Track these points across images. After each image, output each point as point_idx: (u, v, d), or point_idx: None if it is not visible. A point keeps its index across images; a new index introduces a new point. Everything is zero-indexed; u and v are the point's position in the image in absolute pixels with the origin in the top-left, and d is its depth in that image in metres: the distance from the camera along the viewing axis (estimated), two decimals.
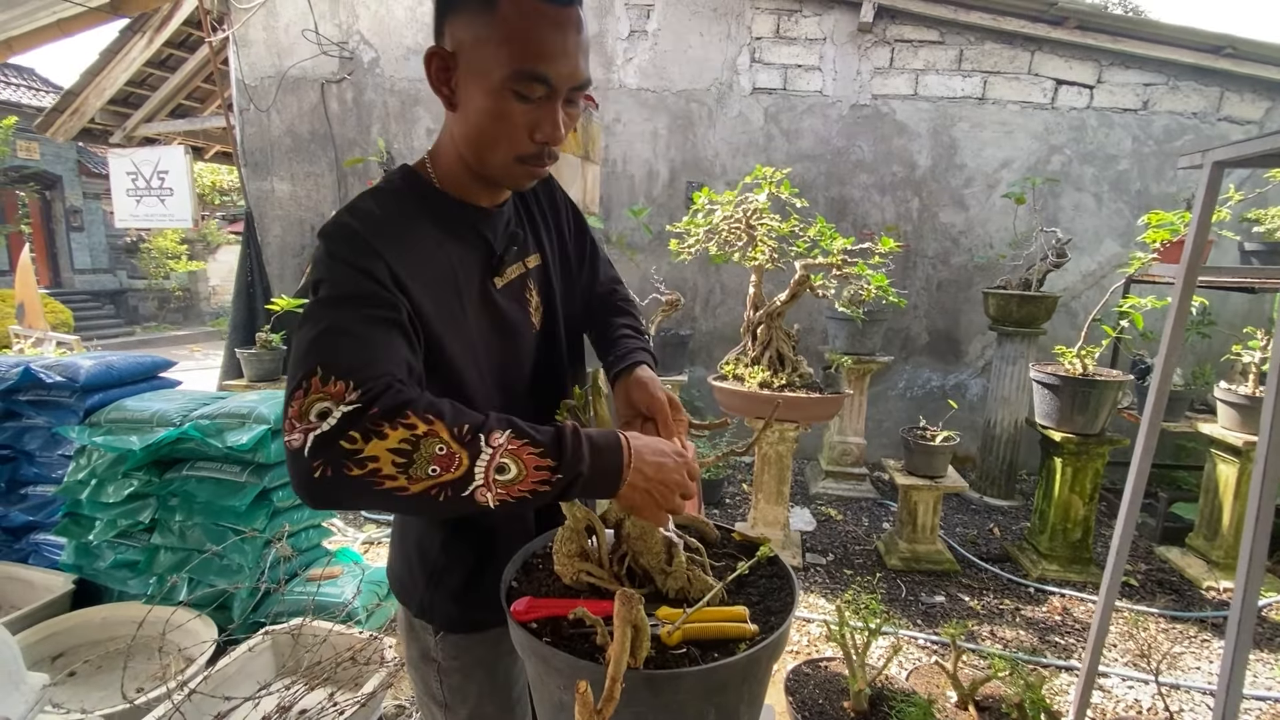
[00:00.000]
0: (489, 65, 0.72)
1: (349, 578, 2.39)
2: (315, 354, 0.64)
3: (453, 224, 0.84)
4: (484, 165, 0.80)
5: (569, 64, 0.73)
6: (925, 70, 4.30)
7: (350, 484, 0.60)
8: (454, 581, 0.92)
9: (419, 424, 0.61)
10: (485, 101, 0.74)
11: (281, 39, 4.68)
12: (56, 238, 12.43)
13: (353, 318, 0.68)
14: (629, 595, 0.65)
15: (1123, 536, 1.76)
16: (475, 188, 0.85)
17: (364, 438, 0.59)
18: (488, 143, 0.77)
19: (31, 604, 2.17)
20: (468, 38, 0.73)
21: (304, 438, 0.60)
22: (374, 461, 0.59)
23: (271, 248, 4.93)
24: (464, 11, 0.73)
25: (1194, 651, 2.48)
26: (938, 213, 4.46)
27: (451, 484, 0.61)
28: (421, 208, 0.82)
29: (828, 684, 1.87)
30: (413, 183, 0.84)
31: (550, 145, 0.77)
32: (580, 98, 0.79)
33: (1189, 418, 3.34)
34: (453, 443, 0.61)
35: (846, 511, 3.79)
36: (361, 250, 0.72)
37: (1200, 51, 4.01)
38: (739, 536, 0.95)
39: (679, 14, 4.40)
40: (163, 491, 2.23)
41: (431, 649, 0.95)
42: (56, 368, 2.36)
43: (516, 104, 0.73)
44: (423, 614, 0.95)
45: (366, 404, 0.61)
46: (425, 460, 0.60)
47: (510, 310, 0.89)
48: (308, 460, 0.59)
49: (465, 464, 0.61)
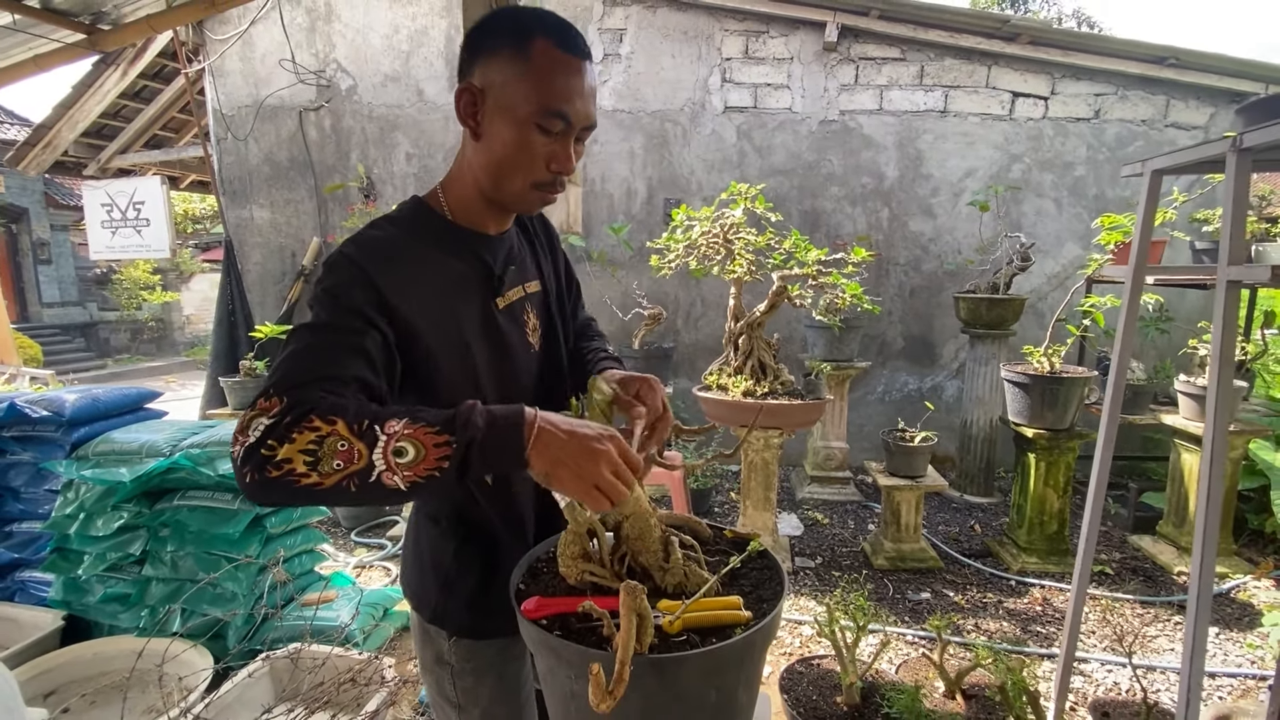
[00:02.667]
0: (518, 102, 0.83)
1: (344, 601, 2.40)
2: (271, 378, 0.73)
3: (456, 249, 0.92)
4: (500, 191, 0.90)
5: (584, 105, 0.85)
6: (889, 86, 4.48)
7: (274, 484, 0.66)
8: (465, 589, 0.97)
9: (322, 425, 0.67)
10: (511, 133, 0.84)
11: (258, 69, 4.71)
12: (24, 271, 12.18)
13: (316, 343, 0.76)
14: (633, 586, 0.71)
15: (1090, 524, 1.86)
16: (485, 214, 0.94)
17: (279, 443, 0.67)
18: (509, 170, 0.87)
19: (20, 643, 2.15)
20: (499, 78, 0.84)
21: (239, 449, 0.68)
22: (289, 463, 0.66)
23: (252, 275, 4.92)
24: (498, 55, 0.84)
25: (1168, 634, 2.58)
26: (907, 221, 4.61)
27: (357, 474, 0.67)
28: (425, 234, 0.91)
29: (820, 680, 1.92)
30: (421, 211, 0.93)
31: (563, 174, 0.88)
32: (588, 136, 0.90)
33: (1153, 410, 3.48)
34: (351, 437, 0.67)
35: (833, 515, 3.87)
36: (349, 278, 0.80)
37: (1146, 62, 4.23)
38: (730, 534, 1.01)
39: (651, 37, 4.53)
40: (153, 522, 2.23)
41: (445, 653, 1.00)
42: (41, 402, 2.36)
43: (539, 137, 0.84)
44: (436, 620, 1.00)
45: (284, 414, 0.68)
46: (330, 456, 0.66)
47: (510, 331, 0.96)
48: (239, 467, 0.68)
49: (364, 454, 0.67)
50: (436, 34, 4.62)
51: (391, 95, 4.68)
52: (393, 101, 4.68)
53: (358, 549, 3.44)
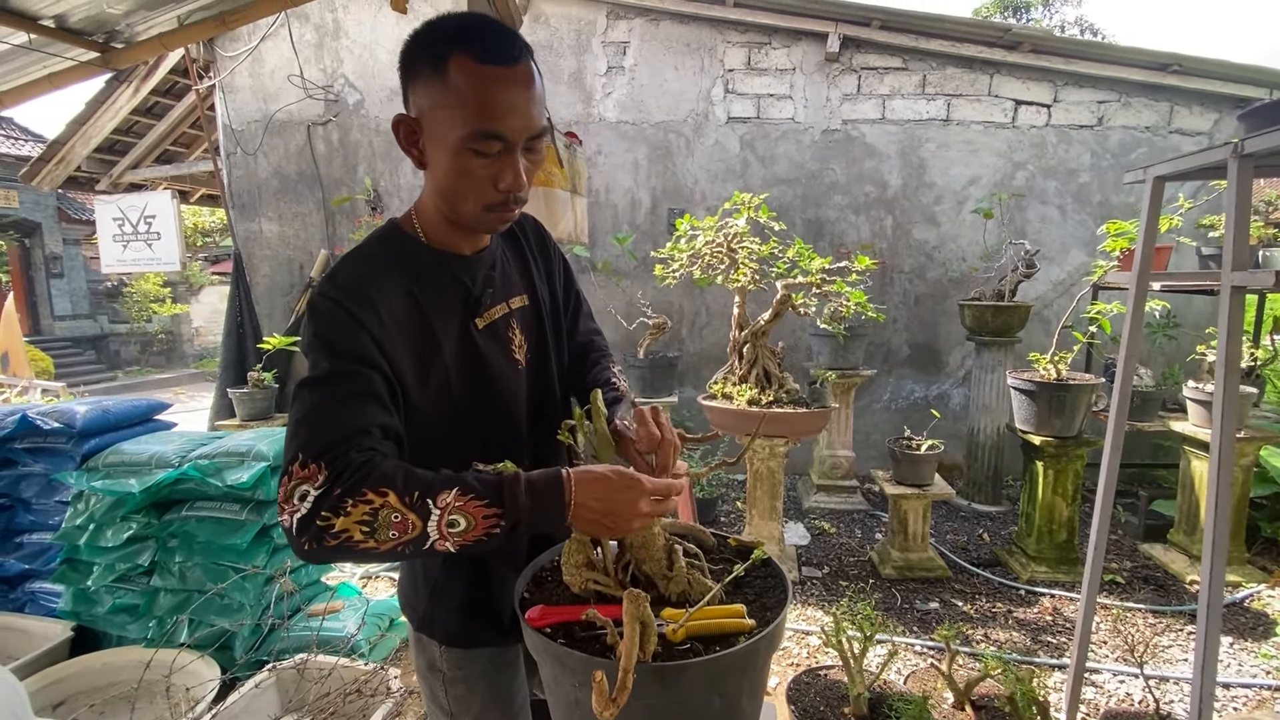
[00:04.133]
0: (446, 128, 0.78)
1: (351, 611, 2.40)
2: (297, 440, 0.75)
3: (430, 273, 0.91)
4: (457, 215, 0.87)
5: (520, 118, 0.79)
6: (891, 95, 4.50)
7: (332, 550, 0.71)
8: (454, 597, 0.98)
9: (375, 498, 0.71)
10: (448, 161, 0.81)
11: (267, 84, 4.79)
12: (36, 285, 12.33)
13: (328, 398, 0.78)
14: (636, 594, 0.71)
15: (1099, 531, 1.84)
16: (455, 236, 0.92)
17: (333, 514, 0.70)
18: (457, 196, 0.84)
19: (29, 653, 2.16)
20: (426, 104, 0.80)
21: (290, 519, 0.71)
22: (346, 533, 0.70)
23: (260, 287, 4.97)
24: (419, 80, 0.80)
25: (1180, 644, 2.55)
26: (911, 230, 4.62)
27: (411, 541, 0.72)
28: (400, 262, 0.89)
29: (828, 691, 1.91)
30: (396, 237, 0.92)
31: (514, 193, 0.83)
32: (541, 144, 0.85)
33: (1161, 417, 3.46)
34: (405, 509, 0.71)
35: (839, 524, 3.85)
36: (339, 322, 0.81)
37: (1149, 69, 4.24)
38: (734, 542, 1.02)
39: (654, 50, 4.57)
40: (162, 533, 2.24)
41: (437, 660, 1.00)
42: (52, 414, 2.38)
43: (476, 160, 0.80)
44: (425, 627, 1.01)
45: (331, 484, 0.71)
46: (385, 526, 0.71)
47: (491, 350, 0.94)
48: (296, 537, 0.71)
49: (419, 526, 0.71)
50: None
51: (397, 109, 4.72)
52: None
53: None
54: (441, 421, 0.91)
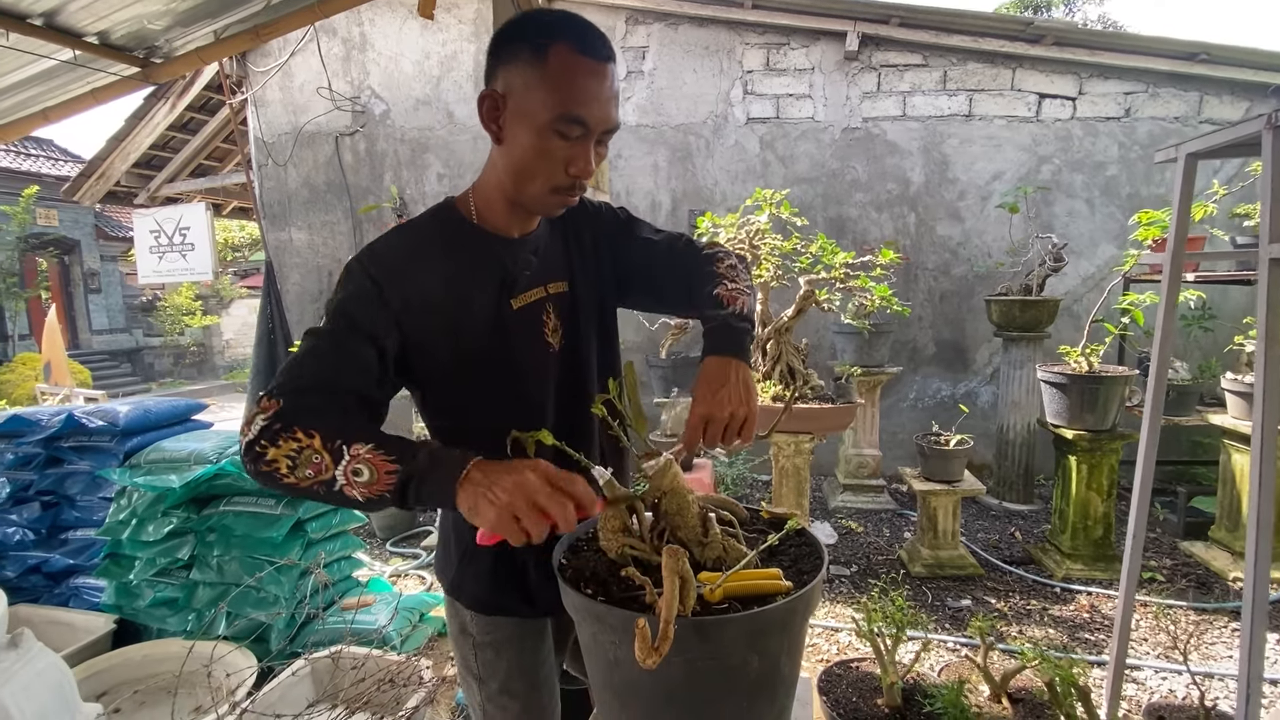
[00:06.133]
0: (536, 108, 0.83)
1: (382, 605, 2.43)
2: (275, 379, 0.82)
3: (472, 251, 0.95)
4: (521, 194, 0.91)
5: (603, 110, 0.85)
6: (912, 92, 4.47)
7: (266, 477, 0.77)
8: (481, 563, 1.02)
9: (303, 438, 0.76)
10: (530, 139, 0.85)
11: (297, 97, 4.92)
12: (75, 300, 12.76)
13: (314, 351, 0.85)
14: (675, 550, 0.72)
15: (1137, 524, 1.80)
16: (507, 217, 0.96)
17: (269, 444, 0.76)
18: (529, 174, 0.88)
19: (74, 645, 2.22)
20: (519, 84, 0.85)
21: (241, 441, 0.79)
22: (275, 463, 0.76)
23: (290, 295, 5.09)
24: (516, 61, 0.85)
25: (1225, 641, 2.47)
26: (934, 226, 4.57)
27: (324, 483, 0.75)
28: (442, 237, 0.95)
29: (860, 683, 1.89)
30: (443, 216, 0.97)
31: (582, 179, 0.88)
32: (609, 139, 0.91)
33: (1199, 411, 3.37)
34: (323, 451, 0.75)
35: (867, 523, 3.80)
36: (359, 290, 0.87)
37: (1176, 59, 4.16)
38: (767, 513, 1.02)
39: (673, 53, 4.61)
40: (201, 527, 2.30)
41: (468, 624, 1.05)
42: (97, 414, 2.47)
43: (557, 142, 0.85)
44: (454, 591, 1.06)
45: (275, 418, 0.77)
46: (305, 464, 0.75)
47: (521, 330, 0.97)
48: (242, 455, 0.79)
49: (330, 468, 0.74)
50: (465, 58, 4.78)
51: (423, 118, 4.84)
52: (424, 124, 4.84)
53: (393, 559, 3.49)
54: (467, 396, 0.95)
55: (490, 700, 1.07)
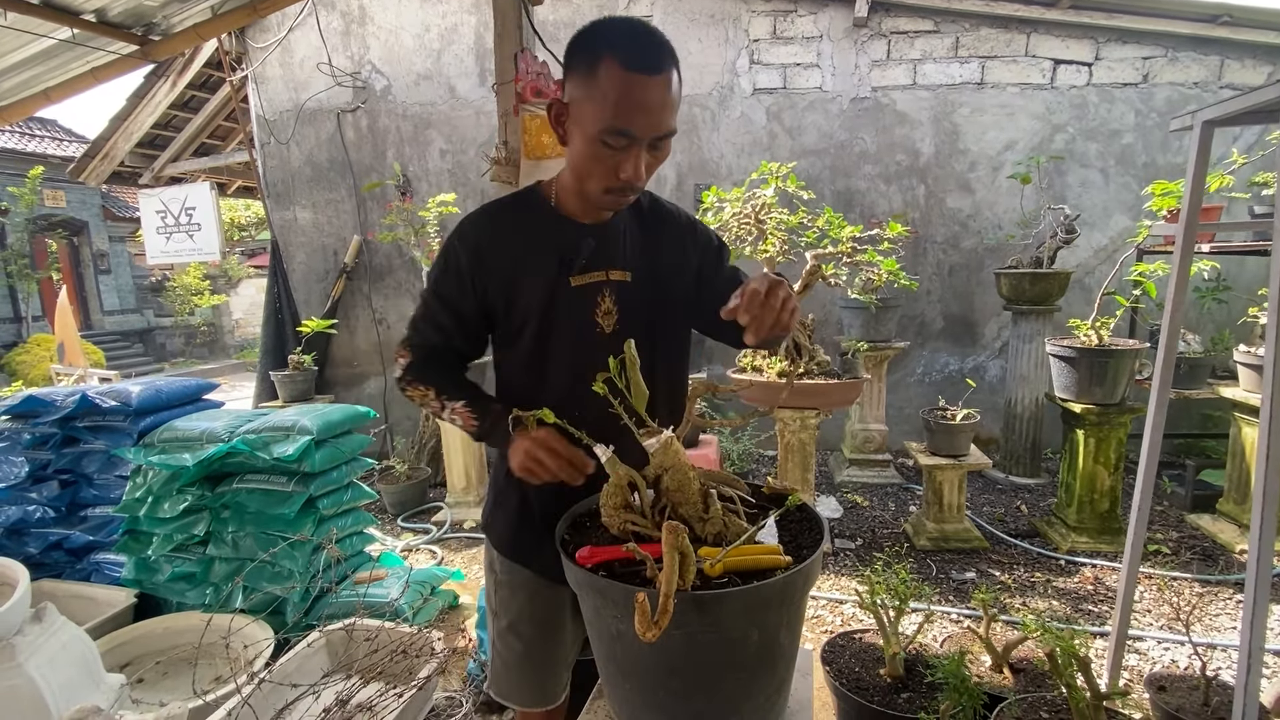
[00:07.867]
0: (588, 119, 0.92)
1: (394, 579, 2.48)
2: (406, 329, 1.14)
3: (543, 230, 1.08)
4: (582, 191, 1.02)
5: (650, 120, 0.91)
6: (923, 59, 4.37)
7: (409, 400, 1.13)
8: (509, 505, 1.16)
9: (424, 389, 1.11)
10: (583, 146, 0.95)
11: (297, 74, 4.87)
12: (85, 281, 12.85)
13: (421, 313, 1.12)
14: (674, 525, 0.73)
15: (1143, 494, 1.80)
16: (580, 206, 1.07)
17: (407, 386, 1.12)
18: (585, 175, 0.99)
19: (96, 618, 2.29)
20: (578, 94, 0.93)
21: (398, 370, 1.13)
22: (412, 398, 1.13)
23: (297, 274, 5.10)
24: (576, 73, 0.93)
25: (1229, 613, 2.48)
26: (944, 198, 4.50)
27: (440, 416, 1.11)
28: (526, 215, 1.09)
29: (863, 654, 1.92)
30: (526, 198, 1.12)
31: (633, 183, 0.96)
32: (667, 143, 0.97)
33: (1210, 384, 3.34)
34: (437, 401, 1.10)
35: (872, 498, 3.82)
36: (446, 267, 1.08)
37: (1197, 22, 4.03)
38: (768, 489, 1.03)
39: (677, 22, 4.51)
40: (215, 504, 2.35)
41: (495, 561, 1.21)
42: (110, 394, 2.50)
43: (605, 150, 0.93)
44: (485, 527, 1.23)
45: (406, 370, 1.12)
46: (428, 404, 1.11)
47: (573, 308, 1.06)
48: (398, 379, 1.14)
49: (440, 412, 1.10)
50: (466, 31, 4.70)
51: (424, 93, 4.77)
52: (426, 100, 4.78)
53: (404, 534, 3.55)
54: (522, 357, 1.10)
55: (500, 637, 1.21)
